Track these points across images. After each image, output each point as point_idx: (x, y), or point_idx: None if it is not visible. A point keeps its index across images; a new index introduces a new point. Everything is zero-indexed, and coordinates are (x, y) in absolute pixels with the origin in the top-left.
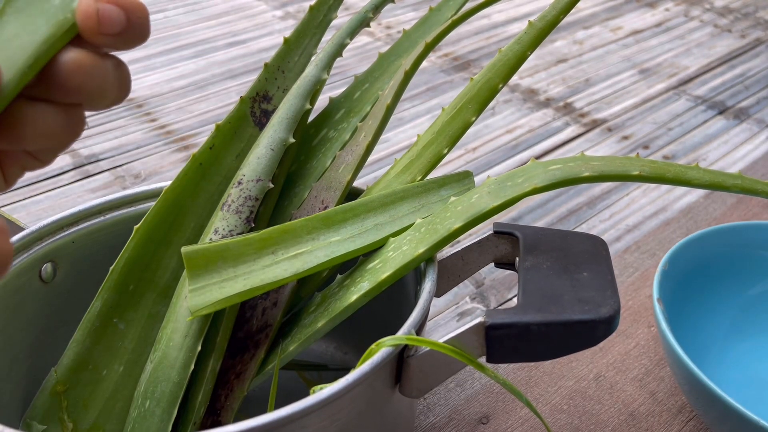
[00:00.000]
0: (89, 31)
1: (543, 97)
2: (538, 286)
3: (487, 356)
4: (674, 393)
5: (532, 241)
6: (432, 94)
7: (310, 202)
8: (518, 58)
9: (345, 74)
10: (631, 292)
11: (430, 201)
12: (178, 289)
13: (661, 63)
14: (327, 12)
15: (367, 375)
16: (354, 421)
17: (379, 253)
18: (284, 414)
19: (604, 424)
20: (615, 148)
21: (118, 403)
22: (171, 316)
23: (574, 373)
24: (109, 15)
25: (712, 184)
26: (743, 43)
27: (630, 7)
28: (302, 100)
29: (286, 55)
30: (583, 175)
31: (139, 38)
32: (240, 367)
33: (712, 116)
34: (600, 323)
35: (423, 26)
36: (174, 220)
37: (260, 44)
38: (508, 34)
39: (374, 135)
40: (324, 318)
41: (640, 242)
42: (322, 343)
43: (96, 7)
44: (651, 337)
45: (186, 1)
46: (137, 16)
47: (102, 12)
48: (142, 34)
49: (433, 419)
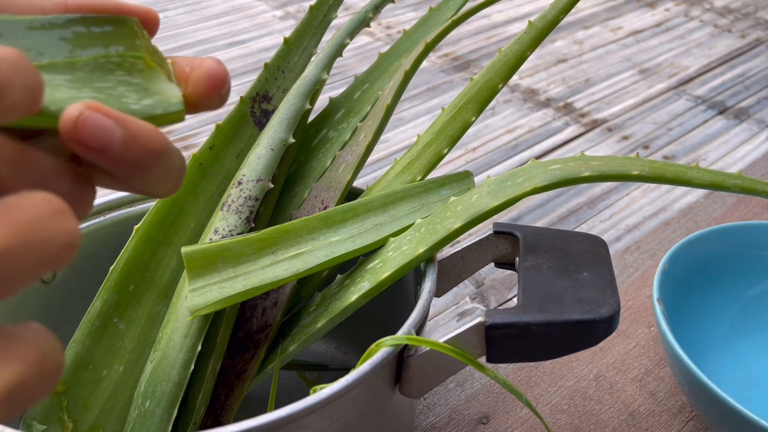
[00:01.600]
0: (64, 133)
1: (543, 97)
2: (538, 286)
3: (487, 356)
4: (674, 393)
5: (532, 241)
6: (432, 94)
7: (310, 202)
8: (518, 58)
9: (345, 74)
10: (631, 292)
11: (430, 201)
12: (178, 289)
13: (661, 63)
14: (327, 12)
15: (367, 375)
16: (354, 421)
17: (379, 253)
18: (284, 414)
19: (604, 424)
20: (615, 148)
21: (118, 403)
22: (171, 316)
23: (574, 373)
24: (93, 124)
25: (712, 184)
26: (743, 43)
27: (630, 7)
28: (302, 100)
29: (286, 55)
30: (583, 175)
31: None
32: (240, 367)
33: (712, 116)
34: (600, 323)
35: (423, 26)
36: (174, 220)
37: (260, 44)
38: (508, 34)
39: (374, 135)
40: (324, 318)
41: (640, 242)
42: (322, 343)
43: (80, 110)
44: (651, 337)
45: (186, 1)
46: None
47: (84, 118)
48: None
49: (433, 419)
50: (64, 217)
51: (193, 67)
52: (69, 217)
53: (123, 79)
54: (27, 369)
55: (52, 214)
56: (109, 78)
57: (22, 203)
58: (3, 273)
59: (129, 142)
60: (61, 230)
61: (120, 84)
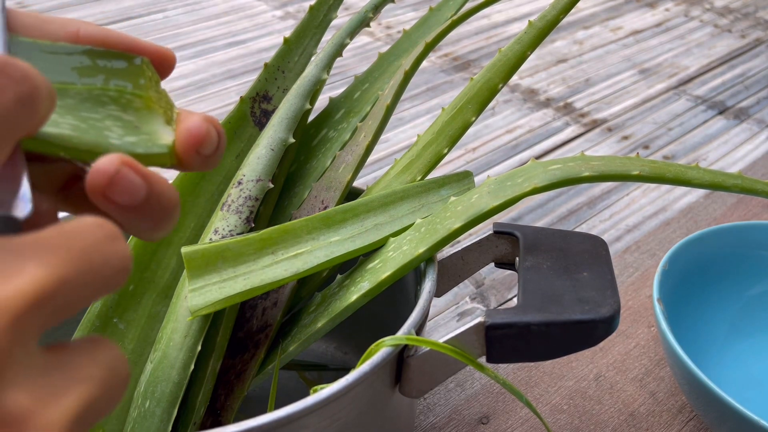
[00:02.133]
0: (94, 186)
1: (543, 97)
2: (538, 286)
3: (487, 356)
4: (674, 393)
5: (532, 241)
6: (432, 94)
7: (310, 202)
8: (518, 58)
9: (345, 74)
10: (631, 292)
11: (430, 201)
12: (178, 289)
13: (661, 63)
14: (327, 12)
15: (367, 375)
16: (354, 421)
17: (379, 253)
18: (284, 414)
19: (605, 424)
20: (615, 148)
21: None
22: (171, 316)
23: (574, 373)
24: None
25: (712, 184)
26: (743, 43)
27: (630, 7)
28: (302, 100)
29: (286, 55)
30: (583, 175)
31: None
32: (240, 367)
33: (712, 116)
34: (600, 323)
35: (423, 26)
36: None
37: (260, 44)
38: (508, 34)
39: (374, 135)
40: (324, 318)
41: (640, 242)
42: (322, 343)
43: (117, 167)
44: (651, 337)
45: (186, 1)
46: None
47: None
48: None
49: (433, 419)
50: (117, 242)
51: (181, 120)
52: (121, 242)
53: (114, 114)
54: (95, 389)
55: (106, 240)
56: (99, 110)
57: (78, 230)
58: (61, 300)
59: (151, 201)
60: (115, 255)
61: (109, 118)
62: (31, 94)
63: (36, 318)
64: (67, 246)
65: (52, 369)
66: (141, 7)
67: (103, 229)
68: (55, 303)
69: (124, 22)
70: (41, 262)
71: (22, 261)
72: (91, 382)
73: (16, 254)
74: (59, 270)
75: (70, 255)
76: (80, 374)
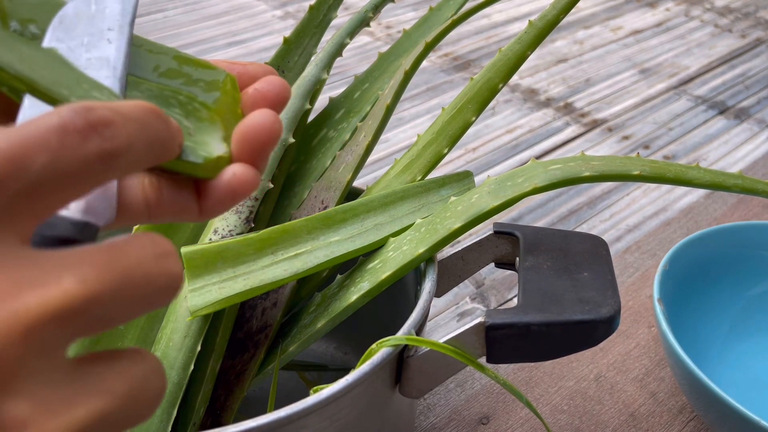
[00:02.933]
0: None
1: (543, 97)
2: (538, 286)
3: (487, 356)
4: (675, 393)
5: (533, 241)
6: (432, 94)
7: (309, 202)
8: (518, 58)
9: (345, 74)
10: (631, 292)
11: (430, 201)
12: None
13: (662, 63)
14: (327, 12)
15: (367, 375)
16: (354, 421)
17: (379, 253)
18: (284, 414)
19: (605, 424)
20: (615, 148)
21: None
22: (171, 316)
23: (574, 374)
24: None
25: (713, 184)
26: (744, 42)
27: (630, 7)
28: (302, 99)
29: (285, 54)
30: (584, 175)
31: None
32: (240, 367)
33: (712, 116)
34: (600, 323)
35: (423, 26)
36: None
37: (260, 44)
38: (508, 34)
39: (374, 135)
40: (324, 318)
41: (641, 242)
42: (322, 343)
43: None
44: (651, 337)
45: (186, 1)
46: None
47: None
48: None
49: (434, 420)
50: (167, 260)
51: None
52: (172, 259)
53: (176, 117)
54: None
55: (155, 257)
56: (162, 109)
57: (126, 246)
58: (93, 315)
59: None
60: (162, 273)
61: None
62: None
63: (60, 330)
64: (108, 261)
65: (71, 380)
66: (141, 6)
67: (155, 246)
68: (85, 317)
69: None
70: (76, 276)
71: (60, 273)
72: (110, 396)
73: (58, 266)
74: (92, 285)
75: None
76: (100, 387)
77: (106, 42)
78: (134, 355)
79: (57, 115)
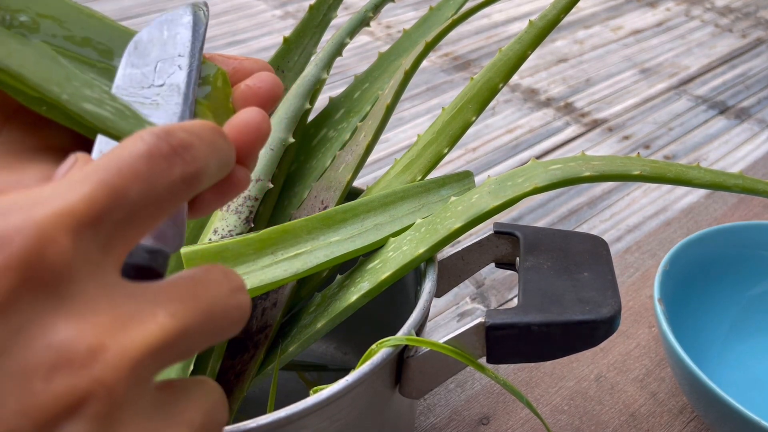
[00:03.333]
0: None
1: (543, 97)
2: (538, 286)
3: (487, 357)
4: (675, 393)
5: (533, 241)
6: (432, 94)
7: (309, 202)
8: (519, 58)
9: (345, 74)
10: (631, 292)
11: (430, 201)
12: None
13: (662, 63)
14: (327, 11)
15: (367, 375)
16: (354, 421)
17: (379, 253)
18: (284, 414)
19: (605, 424)
20: (615, 148)
21: None
22: None
23: (574, 374)
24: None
25: (713, 184)
26: (744, 42)
27: (631, 7)
28: (302, 99)
29: (285, 54)
30: (584, 175)
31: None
32: (240, 367)
33: (712, 116)
34: (601, 323)
35: (423, 26)
36: None
37: (260, 44)
38: (509, 34)
39: (374, 135)
40: (324, 318)
41: (641, 242)
42: (322, 343)
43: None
44: (652, 337)
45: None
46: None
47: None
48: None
49: (434, 420)
50: (240, 294)
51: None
52: (243, 293)
53: None
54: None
55: (230, 292)
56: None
57: (206, 281)
58: (181, 348)
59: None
60: (236, 307)
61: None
62: (196, 174)
63: (154, 363)
64: (194, 297)
65: (158, 410)
66: (140, 6)
67: (230, 281)
68: (175, 350)
69: (123, 22)
70: (170, 311)
71: (154, 309)
72: (191, 427)
73: (151, 302)
74: (184, 321)
75: (196, 306)
76: (182, 417)
77: (177, 68)
78: (205, 386)
79: (141, 141)
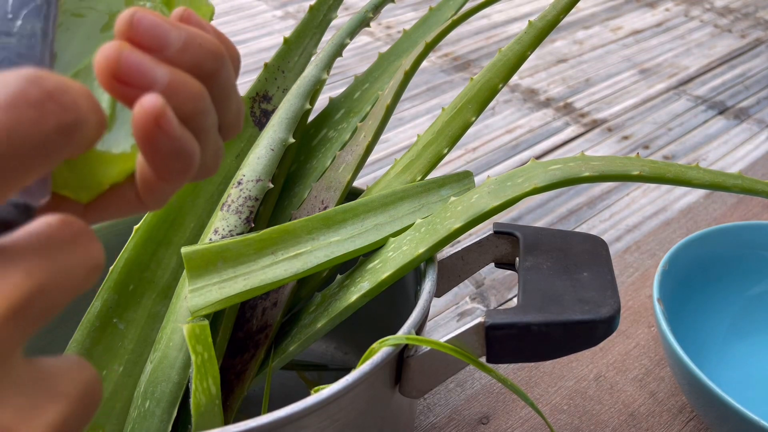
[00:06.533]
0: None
1: (543, 97)
2: (538, 286)
3: (487, 356)
4: (674, 393)
5: (532, 241)
6: (432, 94)
7: (310, 202)
8: (518, 58)
9: (345, 74)
10: (631, 292)
11: (430, 201)
12: (178, 289)
13: (661, 63)
14: (327, 12)
15: (368, 375)
16: (354, 421)
17: (379, 253)
18: (284, 414)
19: (605, 424)
20: (615, 148)
21: (118, 403)
22: (171, 316)
23: (574, 374)
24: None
25: (713, 184)
26: (743, 43)
27: (630, 7)
28: (302, 100)
29: (286, 55)
30: (584, 175)
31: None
32: (240, 367)
33: (712, 116)
34: (600, 323)
35: (423, 26)
36: (174, 220)
37: (260, 44)
38: (508, 34)
39: (374, 135)
40: (324, 318)
41: (641, 242)
42: (322, 343)
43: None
44: (651, 337)
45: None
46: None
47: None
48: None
49: (434, 419)
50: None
51: None
52: (91, 238)
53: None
54: (70, 406)
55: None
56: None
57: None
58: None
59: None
60: (86, 254)
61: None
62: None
63: (18, 327)
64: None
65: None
66: None
67: (72, 228)
68: (34, 311)
69: None
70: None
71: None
72: (67, 400)
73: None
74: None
75: (45, 260)
76: (57, 391)
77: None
78: (75, 362)
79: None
